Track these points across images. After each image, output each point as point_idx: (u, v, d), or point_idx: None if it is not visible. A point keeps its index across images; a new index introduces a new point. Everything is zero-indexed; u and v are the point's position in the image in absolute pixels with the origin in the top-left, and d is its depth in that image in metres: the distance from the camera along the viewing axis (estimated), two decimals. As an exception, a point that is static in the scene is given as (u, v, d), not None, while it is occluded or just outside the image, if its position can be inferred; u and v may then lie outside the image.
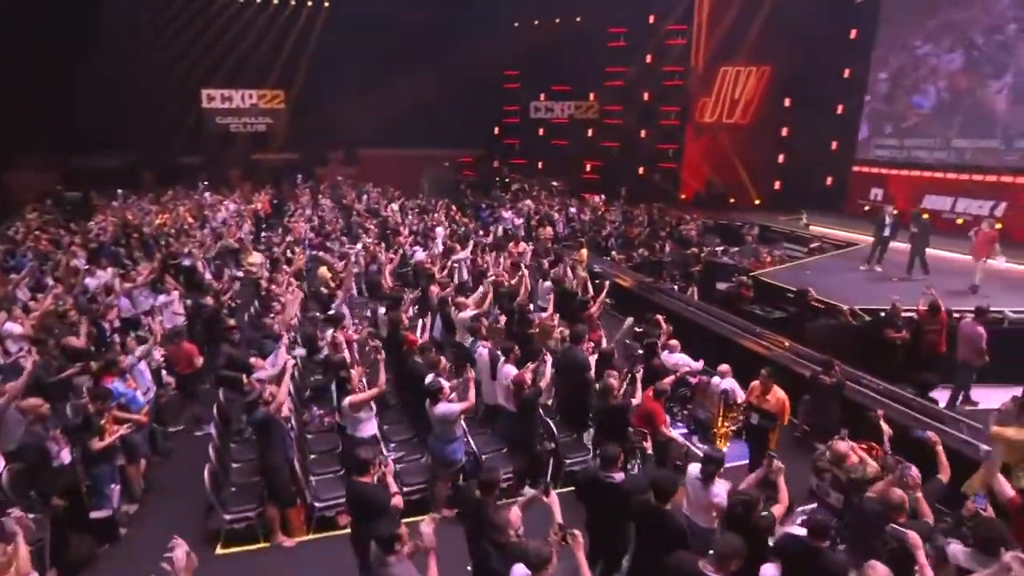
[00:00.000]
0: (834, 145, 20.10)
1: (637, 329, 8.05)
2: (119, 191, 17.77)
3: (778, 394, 5.67)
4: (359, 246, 10.56)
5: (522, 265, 9.04)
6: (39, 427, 4.58)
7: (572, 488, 4.96)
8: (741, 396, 6.52)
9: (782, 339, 8.29)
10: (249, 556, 4.90)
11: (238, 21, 20.40)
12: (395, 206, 16.98)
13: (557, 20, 21.76)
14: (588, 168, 23.28)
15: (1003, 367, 7.88)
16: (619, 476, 4.07)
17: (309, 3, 21.18)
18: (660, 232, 14.70)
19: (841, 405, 6.41)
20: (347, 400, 4.99)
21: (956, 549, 3.65)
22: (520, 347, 6.19)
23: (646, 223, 15.75)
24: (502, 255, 10.34)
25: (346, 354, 5.82)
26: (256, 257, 10.82)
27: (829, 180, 20.34)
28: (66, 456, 4.50)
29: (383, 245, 11.23)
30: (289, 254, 10.70)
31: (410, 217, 15.33)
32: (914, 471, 4.12)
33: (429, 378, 5.24)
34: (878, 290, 10.88)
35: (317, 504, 5.10)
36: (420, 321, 7.29)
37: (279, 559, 4.89)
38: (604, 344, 7.22)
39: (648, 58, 21.53)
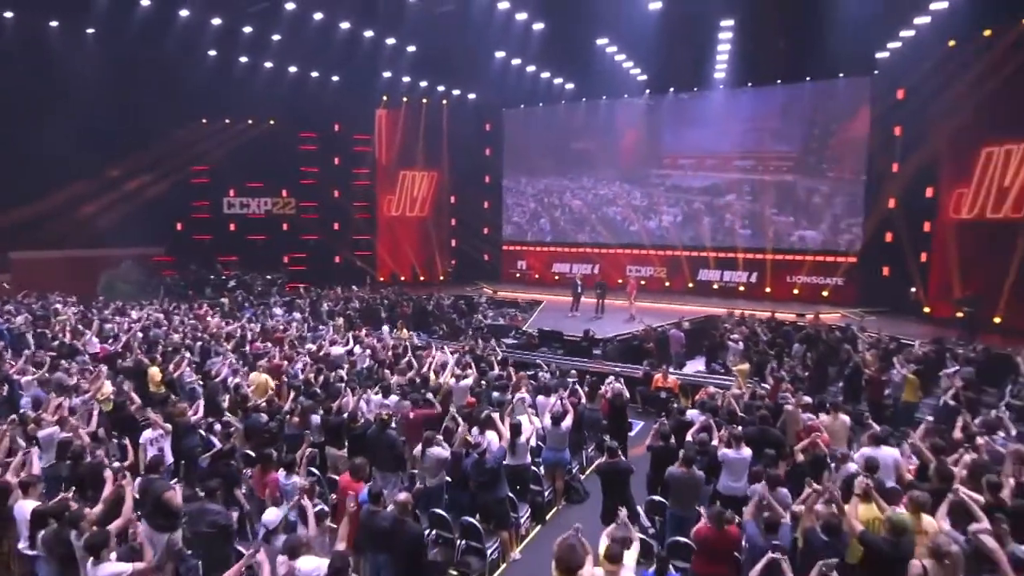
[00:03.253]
0: (486, 231, 26.98)
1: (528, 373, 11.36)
2: None
3: (673, 378, 10.11)
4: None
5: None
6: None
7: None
8: (626, 393, 10.72)
9: (601, 360, 13.00)
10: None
11: None
12: (134, 314, 15.18)
13: (250, 121, 22.51)
14: (287, 260, 24.13)
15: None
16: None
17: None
18: (427, 308, 17.86)
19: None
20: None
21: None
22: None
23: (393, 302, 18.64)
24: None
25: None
26: (109, 386, 9.39)
27: (487, 256, 27.10)
28: None
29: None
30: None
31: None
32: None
33: (556, 405, 7.72)
34: (591, 325, 16.78)
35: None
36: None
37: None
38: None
39: (337, 160, 24.42)
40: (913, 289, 17.66)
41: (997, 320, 14.65)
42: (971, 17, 14.14)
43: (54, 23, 17.22)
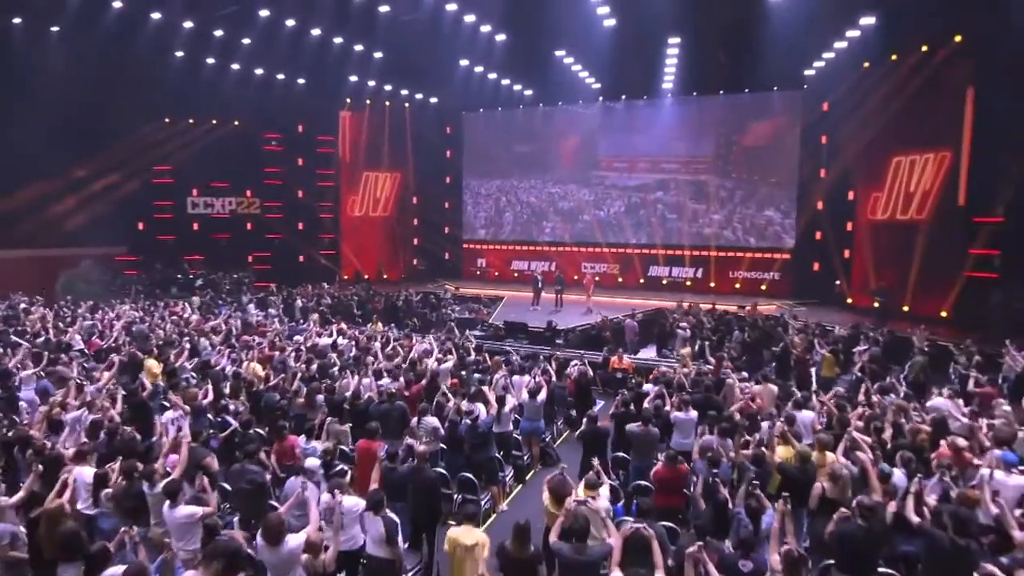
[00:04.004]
0: (446, 230, 27.97)
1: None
2: None
3: (628, 360, 11.46)
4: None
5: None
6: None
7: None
8: (590, 372, 11.98)
9: (563, 347, 14.28)
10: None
11: None
12: (111, 312, 15.52)
13: (215, 121, 22.75)
14: (251, 259, 24.40)
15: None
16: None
17: None
18: (397, 303, 18.76)
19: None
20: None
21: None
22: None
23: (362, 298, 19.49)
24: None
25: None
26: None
27: (447, 255, 28.11)
28: None
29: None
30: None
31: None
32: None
33: (531, 381, 8.85)
34: (553, 317, 18.08)
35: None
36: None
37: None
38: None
39: (301, 161, 24.86)
40: (838, 282, 19.77)
41: (906, 308, 16.75)
42: (881, 43, 16.18)
43: (17, 20, 17.21)
